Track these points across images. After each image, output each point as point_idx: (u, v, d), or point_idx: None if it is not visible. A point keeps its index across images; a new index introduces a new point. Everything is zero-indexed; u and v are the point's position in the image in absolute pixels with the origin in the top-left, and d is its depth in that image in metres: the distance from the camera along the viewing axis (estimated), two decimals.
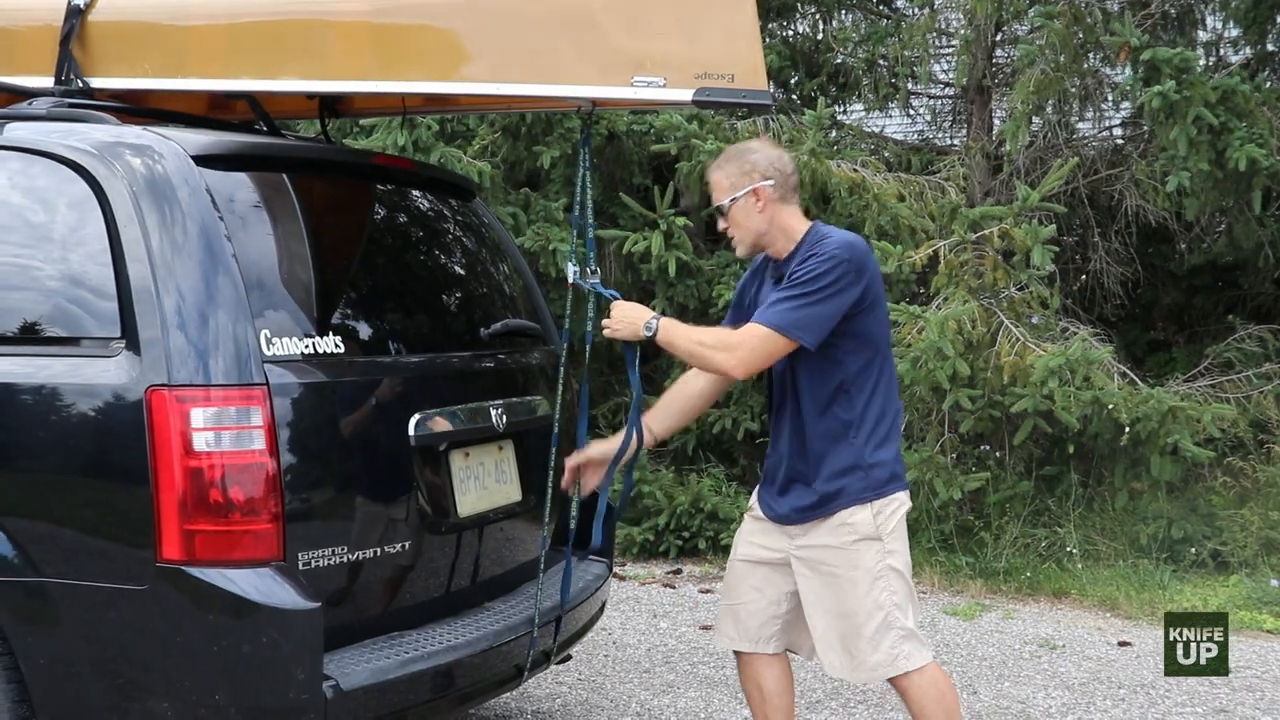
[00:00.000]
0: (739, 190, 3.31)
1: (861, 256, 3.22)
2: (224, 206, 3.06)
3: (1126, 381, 6.72)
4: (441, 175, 4.07)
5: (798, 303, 3.17)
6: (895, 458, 3.36)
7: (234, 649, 2.86)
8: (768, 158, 3.33)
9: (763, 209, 3.30)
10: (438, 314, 3.72)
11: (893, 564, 3.32)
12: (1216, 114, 6.32)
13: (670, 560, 7.11)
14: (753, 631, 3.53)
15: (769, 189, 3.30)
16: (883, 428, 3.32)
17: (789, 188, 3.34)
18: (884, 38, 8.34)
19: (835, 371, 3.27)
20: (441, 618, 3.39)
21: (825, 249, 3.21)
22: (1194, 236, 8.31)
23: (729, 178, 3.33)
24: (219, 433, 2.89)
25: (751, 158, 3.32)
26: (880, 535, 3.30)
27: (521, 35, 3.40)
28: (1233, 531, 6.57)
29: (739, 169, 3.32)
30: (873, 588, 3.30)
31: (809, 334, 3.18)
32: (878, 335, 3.31)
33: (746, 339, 3.21)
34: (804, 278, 3.18)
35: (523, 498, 3.76)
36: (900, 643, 3.31)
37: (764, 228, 3.32)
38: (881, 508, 3.31)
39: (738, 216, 3.33)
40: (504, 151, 7.63)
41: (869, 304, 3.25)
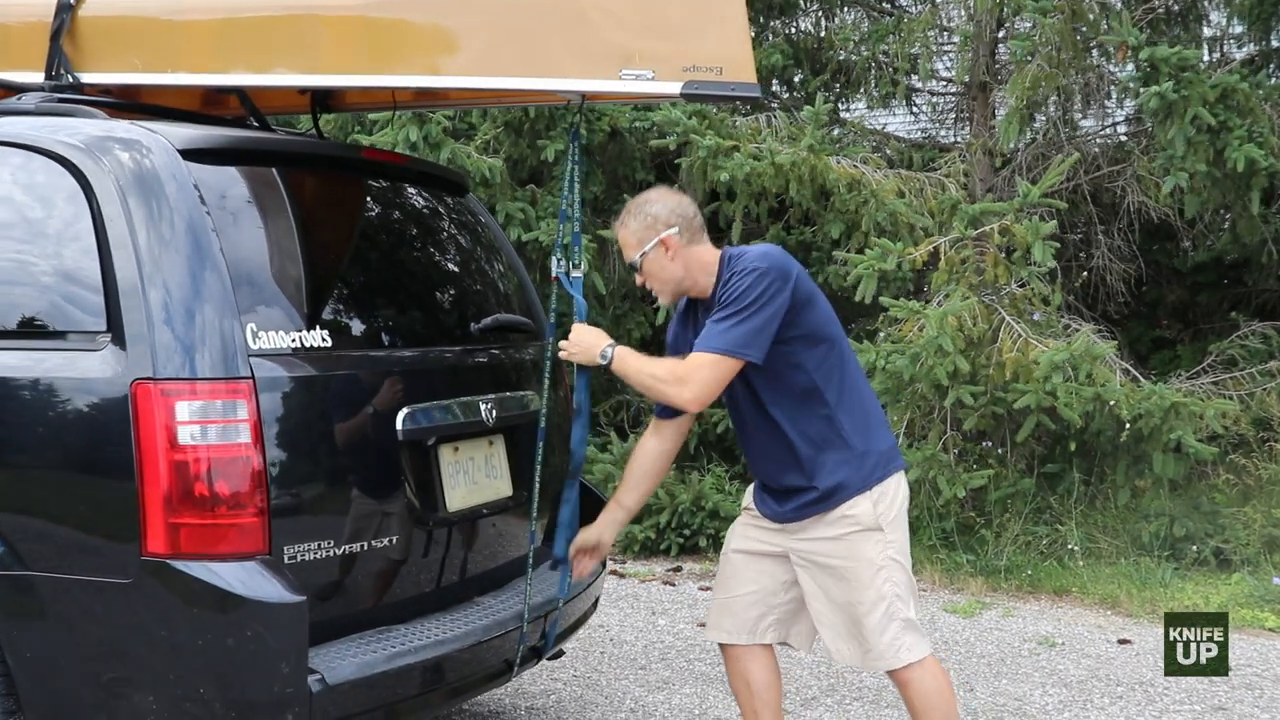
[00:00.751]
0: (647, 244, 3.33)
1: (780, 262, 3.24)
2: (211, 201, 3.06)
3: (1129, 378, 6.70)
4: (433, 170, 4.07)
5: (733, 321, 3.19)
6: (883, 441, 3.38)
7: (219, 643, 2.85)
8: (667, 206, 3.36)
9: (674, 256, 3.33)
10: (428, 308, 3.71)
11: (894, 554, 3.33)
12: (1215, 113, 6.29)
13: (671, 558, 7.10)
14: (749, 623, 3.53)
15: (675, 236, 3.33)
16: (861, 415, 3.34)
17: (694, 229, 3.37)
18: (886, 34, 8.32)
19: (797, 375, 3.29)
20: (430, 612, 3.38)
21: (743, 265, 3.24)
22: (1198, 233, 8.28)
23: (634, 234, 3.36)
24: (204, 426, 2.88)
25: (651, 210, 3.35)
26: (881, 525, 3.30)
27: (511, 29, 3.39)
28: (1235, 529, 6.54)
29: (642, 224, 3.35)
30: (875, 578, 3.30)
31: (754, 349, 3.19)
32: (825, 328, 3.33)
33: (695, 369, 3.22)
34: (732, 296, 3.21)
35: (513, 493, 3.75)
36: (902, 634, 3.32)
37: (680, 273, 3.35)
38: (880, 495, 3.32)
39: (652, 269, 3.35)
40: (506, 147, 7.62)
41: (803, 302, 3.26)
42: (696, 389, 3.22)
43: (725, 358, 3.19)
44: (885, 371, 6.47)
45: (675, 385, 3.23)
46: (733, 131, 7.50)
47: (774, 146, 7.10)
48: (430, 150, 6.95)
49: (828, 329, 3.33)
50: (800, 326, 3.26)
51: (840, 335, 3.37)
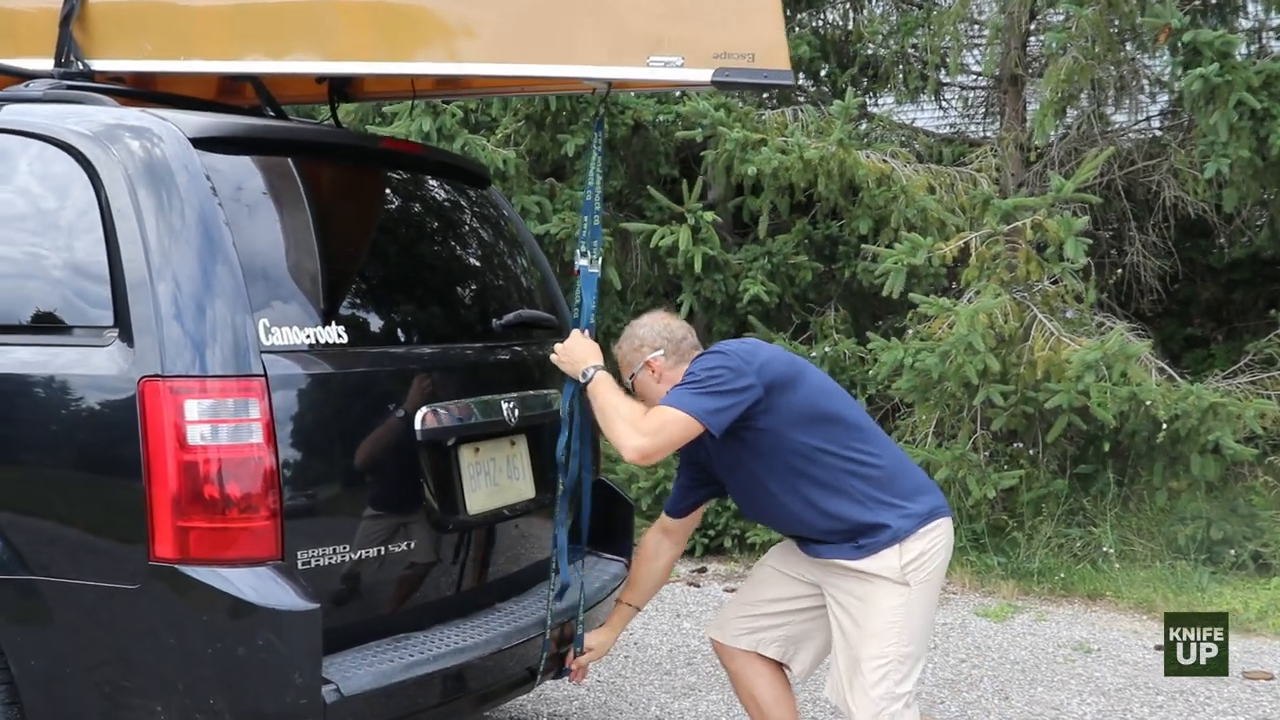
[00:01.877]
0: (635, 366, 3.36)
1: (743, 348, 3.22)
2: (224, 191, 2.94)
3: (1164, 378, 6.53)
4: (454, 161, 3.94)
5: (698, 391, 3.13)
6: (915, 499, 3.24)
7: (230, 651, 2.74)
8: (654, 329, 3.37)
9: (659, 378, 3.32)
10: (448, 304, 3.59)
11: (911, 615, 3.19)
12: (1260, 99, 6.11)
13: (695, 559, 6.97)
14: (756, 631, 3.45)
15: (660, 359, 3.33)
16: (888, 482, 3.22)
17: (683, 351, 3.35)
18: (915, 27, 8.16)
19: (804, 453, 3.18)
20: (450, 619, 3.27)
21: (708, 350, 3.26)
22: (1234, 229, 8.10)
23: (624, 356, 3.40)
24: (215, 425, 2.77)
25: (639, 333, 3.38)
26: (907, 581, 3.18)
27: (535, 14, 3.27)
28: (1274, 532, 6.37)
29: (630, 347, 3.38)
30: (884, 632, 3.18)
31: (713, 419, 3.10)
32: (821, 406, 3.23)
33: (659, 423, 3.11)
34: (695, 373, 3.17)
35: (536, 495, 3.63)
36: (889, 701, 3.17)
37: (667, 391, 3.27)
38: (915, 552, 3.19)
39: (642, 390, 3.36)
40: (528, 141, 7.50)
41: (784, 386, 3.17)
42: (650, 442, 3.11)
43: (690, 419, 3.10)
44: (913, 369, 6.32)
45: (632, 431, 3.12)
46: (760, 124, 7.37)
47: (802, 140, 6.96)
48: (443, 142, 6.83)
49: (824, 406, 3.23)
50: (791, 410, 3.17)
51: (843, 410, 3.27)
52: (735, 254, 7.56)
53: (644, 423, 3.13)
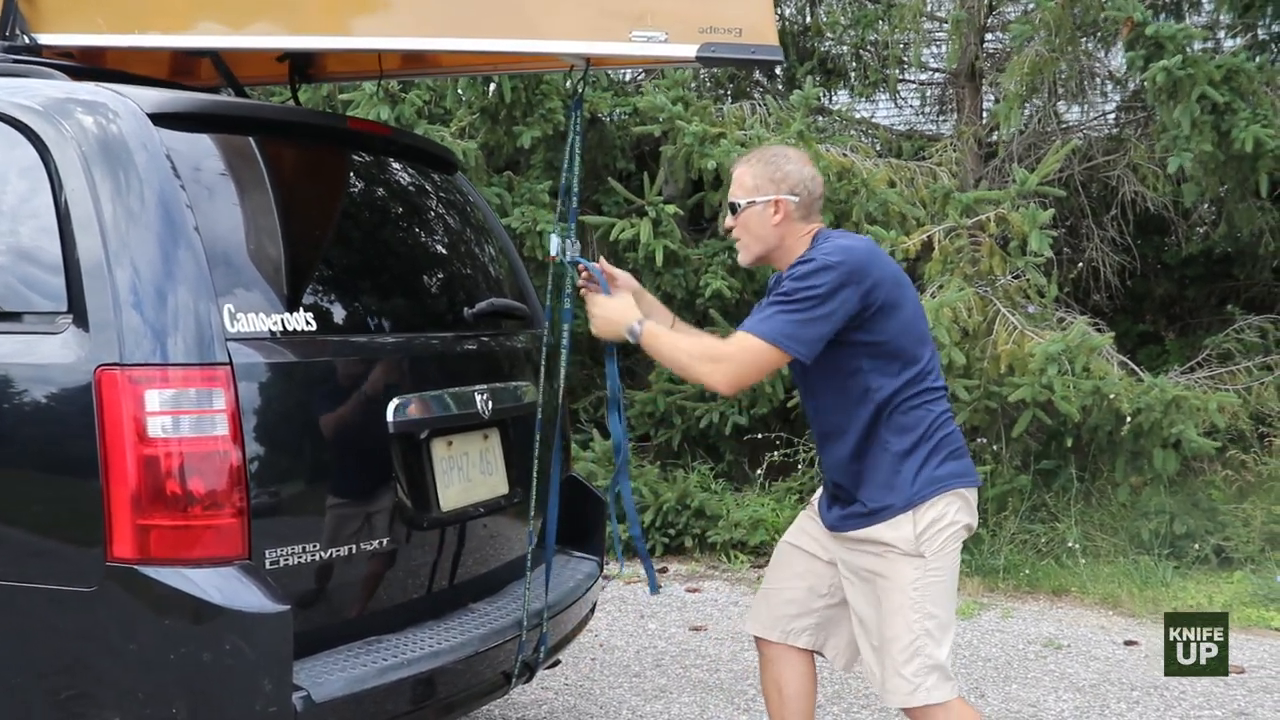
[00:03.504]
0: (761, 195, 3.08)
1: (859, 262, 2.95)
2: (185, 172, 2.78)
3: (1126, 372, 6.51)
4: (422, 144, 3.78)
5: (786, 311, 2.93)
6: (946, 463, 3.07)
7: (193, 657, 2.57)
8: (801, 173, 3.10)
9: (779, 223, 3.08)
10: (418, 292, 3.44)
11: (932, 584, 3.04)
12: (1221, 93, 6.11)
13: (656, 559, 6.85)
14: (783, 620, 3.30)
15: (792, 205, 3.07)
16: (927, 440, 3.04)
17: (812, 209, 3.12)
18: (873, 22, 8.11)
19: (861, 385, 3.01)
20: (423, 621, 3.12)
21: (816, 254, 2.98)
22: (1190, 225, 8.13)
23: (755, 179, 3.10)
24: (177, 417, 2.61)
25: (786, 167, 3.10)
26: (923, 552, 3.02)
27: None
28: (1235, 527, 6.37)
29: (768, 174, 3.09)
30: (907, 608, 3.03)
31: (802, 345, 2.93)
32: (901, 343, 3.02)
33: (733, 351, 2.97)
34: (791, 285, 2.95)
35: (509, 490, 3.49)
36: (925, 674, 3.03)
37: (774, 243, 3.10)
38: (927, 520, 3.02)
39: (750, 222, 3.11)
40: (483, 134, 7.34)
41: (878, 310, 2.97)
42: (732, 369, 2.96)
43: (769, 346, 2.92)
44: None
45: (709, 364, 2.98)
46: (718, 118, 7.27)
47: (761, 134, 6.87)
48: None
49: (902, 343, 3.02)
50: (870, 333, 2.97)
51: (921, 354, 3.06)
52: (696, 249, 7.45)
53: (727, 350, 2.96)
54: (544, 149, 7.42)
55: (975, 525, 3.15)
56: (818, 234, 3.10)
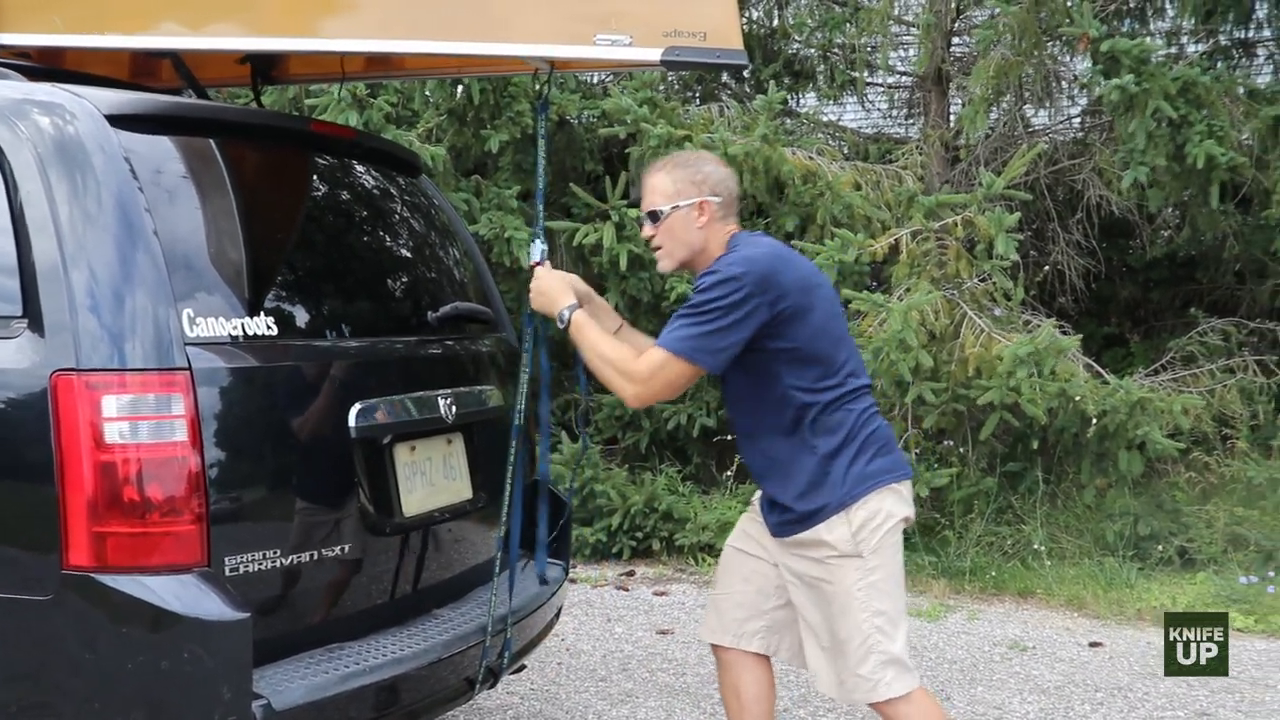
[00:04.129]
0: (684, 199, 3.07)
1: (763, 272, 2.93)
2: (144, 174, 2.74)
3: (1091, 374, 6.55)
4: (385, 147, 3.75)
5: (691, 323, 2.92)
6: (876, 461, 3.05)
7: (151, 666, 2.54)
8: (719, 174, 3.13)
9: (704, 225, 3.08)
10: (382, 296, 3.41)
11: (876, 581, 3.03)
12: (1176, 106, 6.17)
13: (623, 562, 6.84)
14: (735, 625, 3.29)
15: (715, 205, 3.09)
16: (853, 439, 3.02)
17: (731, 209, 3.13)
18: (841, 24, 8.13)
19: (779, 390, 3.00)
20: (385, 627, 3.09)
21: (720, 265, 2.97)
22: (1155, 229, 8.19)
23: (675, 184, 3.09)
24: (135, 423, 2.57)
25: (705, 168, 3.11)
26: (860, 552, 3.01)
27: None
28: (1199, 528, 6.42)
29: (688, 177, 3.09)
30: (854, 609, 3.03)
31: (709, 357, 2.93)
32: (815, 347, 3.00)
33: (646, 367, 2.96)
34: (698, 298, 2.94)
35: (473, 495, 3.47)
36: (882, 668, 3.03)
37: (699, 246, 3.09)
38: (860, 520, 3.01)
39: (675, 227, 3.09)
40: (450, 136, 7.30)
41: (788, 318, 2.95)
42: (642, 389, 2.98)
43: (677, 359, 2.93)
44: None
45: (619, 377, 2.99)
46: (684, 121, 7.26)
47: (727, 136, 6.87)
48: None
49: (819, 349, 3.01)
50: (782, 340, 2.96)
51: (838, 352, 3.05)
52: None
53: (637, 370, 2.96)
54: (512, 152, 7.38)
55: (912, 516, 3.16)
56: (732, 238, 3.09)
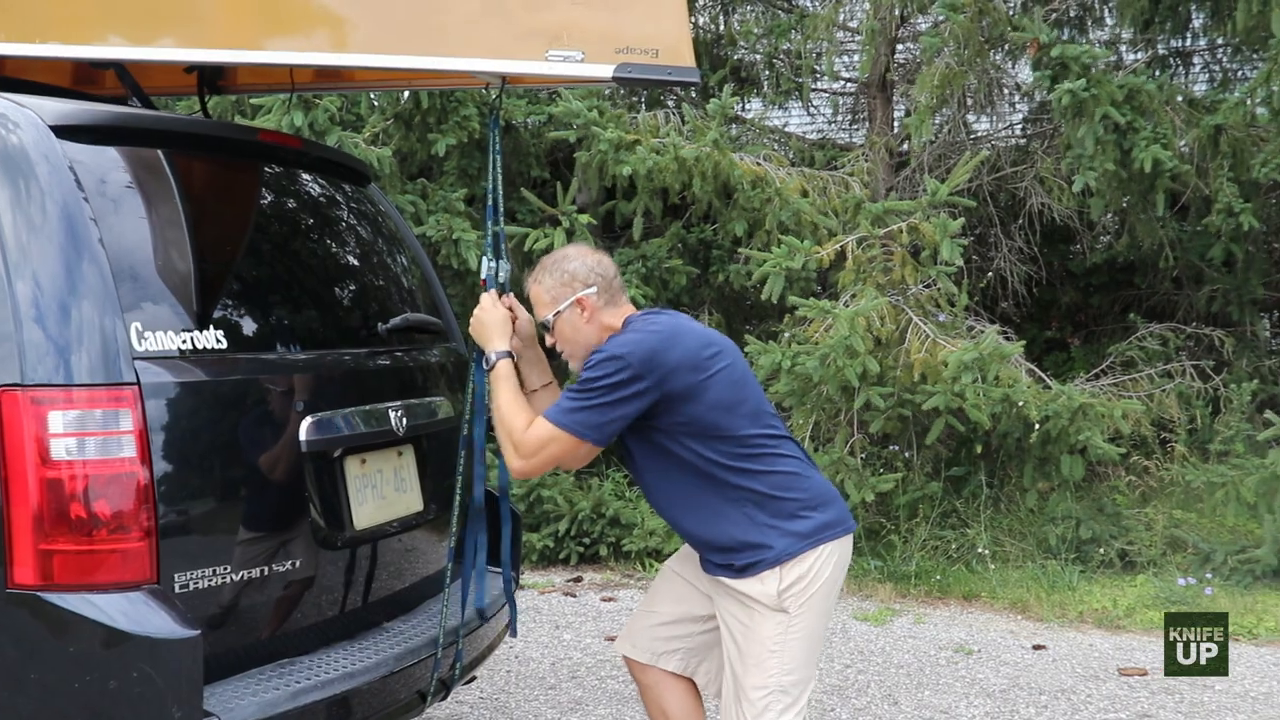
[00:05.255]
0: (562, 303, 3.07)
1: (647, 353, 2.90)
2: (89, 185, 2.71)
3: (1034, 379, 6.64)
4: (334, 157, 3.73)
5: (580, 402, 2.92)
6: (811, 520, 3.01)
7: (99, 685, 2.51)
8: (586, 264, 3.11)
9: (589, 319, 3.07)
10: (330, 308, 3.40)
11: (793, 641, 3.01)
12: (1123, 113, 6.27)
13: (571, 567, 6.84)
14: (658, 643, 3.28)
15: (592, 297, 3.07)
16: (782, 497, 3.00)
17: (614, 290, 3.12)
18: (786, 31, 8.18)
19: (689, 459, 2.99)
20: (337, 641, 3.08)
21: (609, 345, 2.97)
22: (1094, 235, 8.31)
23: (549, 292, 3.09)
24: (81, 439, 2.54)
25: (569, 266, 3.09)
26: (785, 608, 2.98)
27: (424, 3, 3.09)
28: (1138, 531, 6.53)
29: (558, 281, 3.09)
30: (766, 661, 3.01)
31: (593, 431, 2.92)
32: (712, 419, 2.96)
33: (534, 440, 2.95)
34: (585, 375, 2.94)
35: (424, 507, 3.46)
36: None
37: (596, 338, 3.06)
38: (794, 576, 2.98)
39: (565, 330, 3.09)
40: (396, 140, 7.27)
41: (679, 396, 2.93)
42: (526, 464, 2.98)
43: (565, 434, 2.92)
44: (792, 374, 6.29)
45: (511, 449, 2.99)
46: (633, 126, 7.28)
47: (676, 141, 6.89)
48: (316, 139, 6.57)
49: (716, 420, 2.96)
50: (676, 415, 2.95)
51: (738, 425, 2.99)
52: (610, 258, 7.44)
53: (525, 441, 2.95)
54: (459, 156, 7.36)
55: (848, 563, 3.13)
56: (627, 320, 3.07)
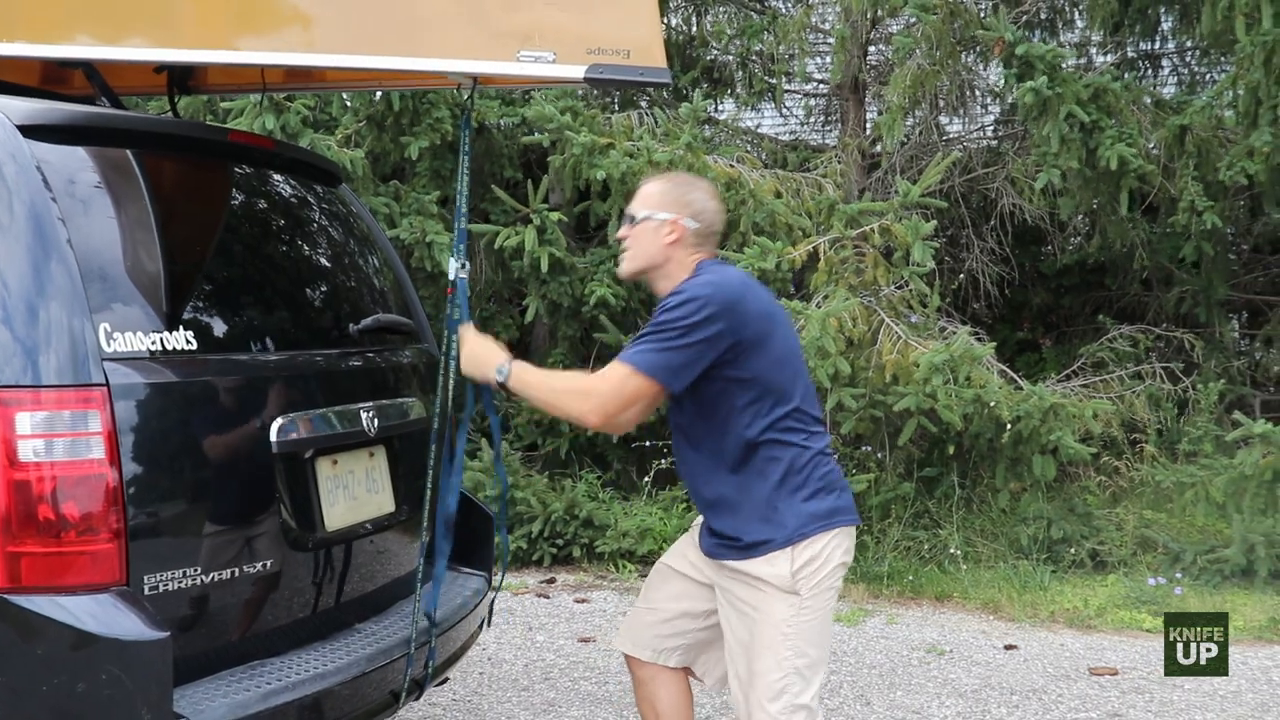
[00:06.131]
0: (660, 212, 3.07)
1: (729, 297, 2.92)
2: (57, 185, 2.69)
3: (1005, 380, 6.68)
4: (305, 157, 3.72)
5: (656, 343, 2.91)
6: (825, 500, 3.02)
7: (68, 687, 2.49)
8: (706, 205, 3.11)
9: (670, 243, 3.06)
10: (302, 308, 3.38)
11: (805, 623, 3.00)
12: (1088, 112, 6.32)
13: (544, 569, 6.84)
14: (656, 641, 3.28)
15: (689, 230, 3.07)
16: (806, 475, 3.00)
17: (707, 241, 3.12)
18: (759, 33, 8.20)
19: (734, 420, 2.98)
20: (308, 643, 3.06)
21: (688, 286, 2.96)
22: (1065, 236, 8.37)
23: (661, 196, 3.10)
24: (50, 440, 2.52)
25: (693, 194, 3.11)
26: (797, 590, 2.98)
27: (396, 2, 3.09)
28: (1109, 531, 6.58)
29: (675, 195, 3.10)
30: (778, 644, 3.00)
31: (671, 375, 2.91)
32: (771, 379, 2.99)
33: (604, 382, 2.94)
34: (663, 317, 2.93)
35: (396, 508, 3.45)
36: (790, 712, 3.01)
37: (659, 261, 3.08)
38: (805, 558, 2.98)
39: (643, 235, 3.09)
40: (369, 142, 7.25)
41: (749, 347, 2.95)
42: (601, 402, 2.93)
43: (641, 376, 2.90)
44: None
45: (579, 397, 2.96)
46: (606, 129, 7.28)
47: (650, 144, 6.90)
48: (288, 140, 6.55)
49: (775, 381, 2.98)
50: (739, 369, 2.95)
51: (793, 390, 3.02)
52: (582, 257, 7.46)
53: (596, 384, 2.93)
54: (431, 158, 7.35)
55: (849, 563, 3.14)
56: (700, 264, 3.08)
